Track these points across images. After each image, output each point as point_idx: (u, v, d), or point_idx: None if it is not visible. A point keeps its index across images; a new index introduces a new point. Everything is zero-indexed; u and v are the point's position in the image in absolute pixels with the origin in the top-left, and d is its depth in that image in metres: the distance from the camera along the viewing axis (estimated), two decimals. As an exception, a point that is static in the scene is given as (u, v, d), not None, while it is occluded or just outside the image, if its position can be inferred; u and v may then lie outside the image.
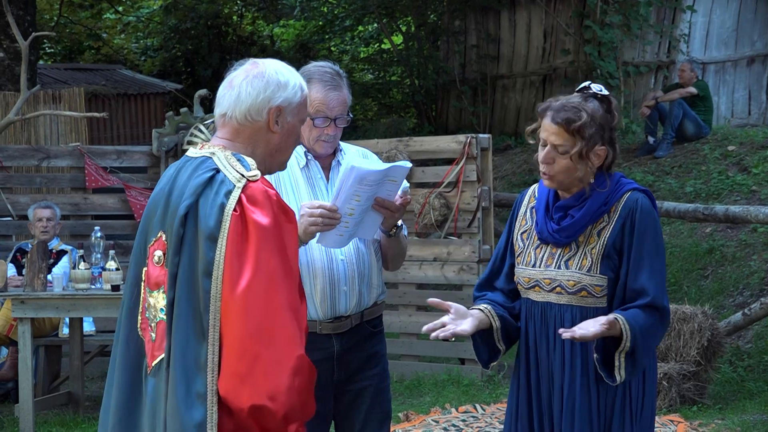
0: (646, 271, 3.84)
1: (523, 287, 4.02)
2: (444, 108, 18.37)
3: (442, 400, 8.76)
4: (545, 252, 3.97)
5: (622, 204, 3.90)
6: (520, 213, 4.14)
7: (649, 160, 13.42)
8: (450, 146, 9.89)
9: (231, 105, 3.30)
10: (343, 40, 23.11)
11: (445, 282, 9.86)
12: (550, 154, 3.86)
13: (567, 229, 3.91)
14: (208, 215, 3.14)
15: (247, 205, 3.12)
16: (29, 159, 11.00)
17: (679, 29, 15.56)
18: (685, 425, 7.51)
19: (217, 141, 3.34)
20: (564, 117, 3.83)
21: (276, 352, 3.02)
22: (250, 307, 3.04)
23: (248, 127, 3.30)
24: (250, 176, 3.18)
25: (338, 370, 4.38)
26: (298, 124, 3.38)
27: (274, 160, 3.38)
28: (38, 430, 8.21)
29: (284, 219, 3.16)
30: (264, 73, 3.31)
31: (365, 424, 4.44)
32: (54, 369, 9.72)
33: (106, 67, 21.94)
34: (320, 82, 4.29)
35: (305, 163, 4.37)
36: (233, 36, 23.24)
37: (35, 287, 8.17)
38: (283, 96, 3.29)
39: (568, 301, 3.90)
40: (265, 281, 3.05)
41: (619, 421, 3.90)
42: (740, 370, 8.92)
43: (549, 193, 4.02)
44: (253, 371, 3.01)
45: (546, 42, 16.77)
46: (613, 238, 3.87)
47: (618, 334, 3.77)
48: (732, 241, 11.08)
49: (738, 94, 16.09)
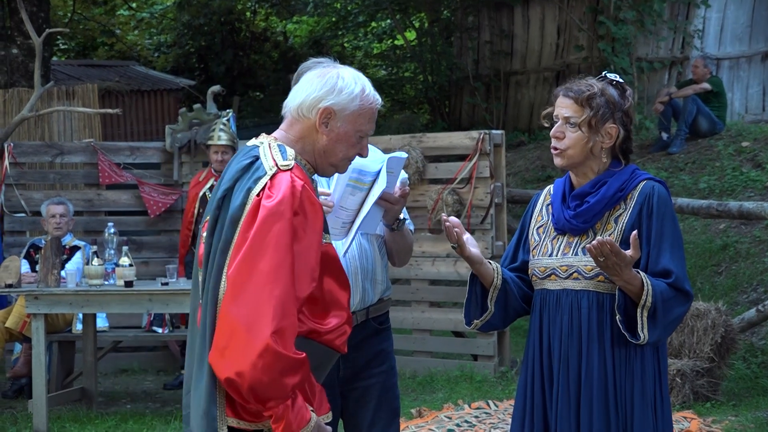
0: (667, 254, 3.85)
1: (539, 278, 4.01)
2: (457, 104, 18.35)
3: (454, 396, 8.76)
4: (562, 242, 3.98)
5: (638, 191, 3.92)
6: (536, 210, 4.16)
7: (662, 156, 13.40)
8: (463, 142, 9.88)
9: (291, 97, 3.47)
10: (356, 36, 23.11)
11: (458, 278, 9.85)
12: (561, 127, 3.93)
13: (583, 214, 3.93)
14: (236, 198, 3.32)
15: (268, 191, 3.26)
16: (43, 155, 11.02)
17: (693, 25, 15.52)
18: (698, 422, 7.49)
19: (275, 132, 3.51)
20: (574, 89, 3.92)
21: (249, 331, 3.16)
22: (235, 286, 3.21)
23: (300, 122, 3.46)
24: (283, 165, 3.32)
25: (344, 368, 4.36)
26: (352, 133, 3.47)
27: (323, 161, 3.49)
28: (52, 426, 8.22)
29: (306, 211, 3.26)
30: (326, 74, 3.45)
31: (373, 422, 4.42)
32: (67, 365, 9.74)
33: (119, 63, 21.96)
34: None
35: None
36: (246, 32, 23.24)
37: (48, 283, 8.19)
38: (335, 100, 3.41)
39: (585, 286, 3.89)
40: (254, 262, 3.20)
41: (641, 414, 3.88)
42: (754, 367, 8.89)
43: (565, 184, 4.05)
44: (229, 345, 3.19)
45: (559, 38, 16.75)
46: (631, 223, 3.88)
47: (638, 290, 3.76)
48: (746, 237, 11.05)
49: (752, 90, 16.03)
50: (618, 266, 3.71)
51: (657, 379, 3.95)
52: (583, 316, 3.89)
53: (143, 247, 11.00)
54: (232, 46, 22.46)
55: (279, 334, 3.16)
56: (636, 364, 3.89)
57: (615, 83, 3.99)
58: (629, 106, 3.98)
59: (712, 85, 13.53)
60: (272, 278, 3.19)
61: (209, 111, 10.92)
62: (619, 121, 3.93)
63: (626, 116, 3.95)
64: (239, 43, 22.77)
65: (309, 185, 3.33)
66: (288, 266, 3.21)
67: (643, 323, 3.78)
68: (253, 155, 3.41)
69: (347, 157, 3.51)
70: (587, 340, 3.90)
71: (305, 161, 3.47)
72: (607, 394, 3.88)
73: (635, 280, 3.76)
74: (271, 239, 3.21)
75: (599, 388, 3.88)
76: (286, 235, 3.22)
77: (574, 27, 16.27)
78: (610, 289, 3.87)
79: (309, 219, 3.28)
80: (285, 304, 3.19)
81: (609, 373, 3.88)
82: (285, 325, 3.18)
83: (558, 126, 3.94)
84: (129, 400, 9.37)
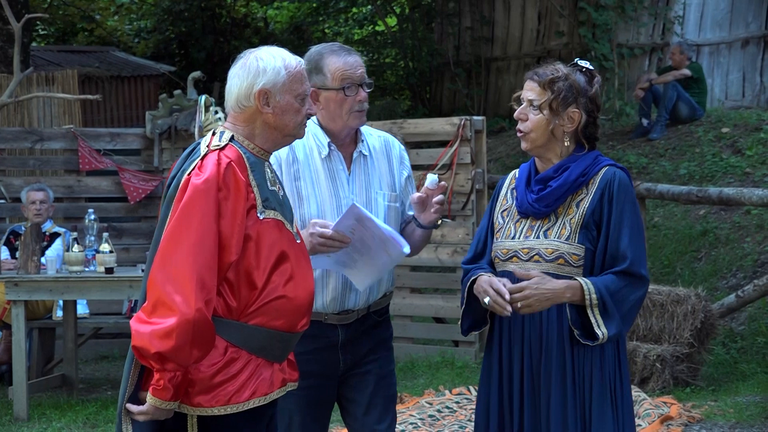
0: (626, 238, 3.90)
1: (501, 260, 4.05)
2: (438, 90, 18.35)
3: (435, 382, 8.77)
4: (525, 225, 4.04)
5: (600, 177, 3.99)
6: (501, 194, 4.21)
7: (643, 142, 13.42)
8: (444, 128, 9.88)
9: (227, 97, 3.69)
10: (337, 22, 23.07)
11: (439, 264, 9.86)
12: (524, 109, 4.01)
13: (546, 198, 3.98)
14: (176, 180, 3.58)
15: (196, 169, 3.50)
16: (22, 141, 10.98)
17: (674, 11, 15.54)
18: (678, 407, 7.52)
19: (224, 123, 3.74)
20: (540, 73, 3.99)
21: (171, 301, 3.38)
22: (163, 255, 3.45)
23: (243, 112, 3.68)
24: (213, 146, 3.58)
25: (343, 359, 4.40)
26: (292, 100, 3.67)
27: (279, 136, 3.72)
28: (32, 413, 8.20)
29: (230, 187, 3.49)
30: (246, 62, 3.66)
31: (369, 407, 4.44)
32: (48, 352, 9.72)
33: (99, 49, 21.88)
34: (333, 53, 4.29)
35: (327, 153, 4.33)
36: (227, 18, 23.18)
37: (28, 270, 8.16)
38: (264, 80, 3.62)
39: (546, 269, 3.93)
40: (179, 234, 3.44)
41: (599, 396, 3.93)
42: (733, 352, 8.93)
43: (530, 169, 4.11)
44: (153, 312, 3.42)
45: (540, 24, 16.75)
46: (592, 208, 3.94)
47: (581, 294, 3.84)
48: (725, 223, 11.08)
49: (732, 76, 16.07)
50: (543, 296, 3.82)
51: (616, 363, 4.00)
52: None
53: (123, 234, 10.98)
54: (213, 32, 22.38)
55: (207, 304, 3.40)
56: (596, 347, 3.93)
57: (584, 70, 4.05)
58: (595, 92, 4.03)
59: (692, 71, 13.56)
60: (195, 252, 3.41)
61: (190, 97, 10.89)
62: (582, 106, 3.98)
63: (591, 102, 4.01)
64: (220, 29, 22.70)
65: (239, 163, 3.55)
66: (211, 240, 3.44)
67: (597, 321, 3.85)
68: (197, 143, 3.70)
69: (298, 123, 3.71)
70: (547, 321, 3.95)
71: (254, 145, 3.67)
72: (565, 375, 3.93)
73: (570, 288, 3.85)
74: (195, 214, 3.44)
75: (558, 367, 3.93)
76: (211, 211, 3.45)
77: (555, 13, 16.27)
78: (571, 272, 3.93)
79: (232, 194, 3.50)
80: (206, 278, 3.41)
81: (568, 352, 3.93)
82: (209, 296, 3.42)
83: (522, 108, 4.02)
84: (110, 387, 9.35)
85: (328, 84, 4.26)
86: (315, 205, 4.28)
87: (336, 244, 4.09)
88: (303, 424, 4.40)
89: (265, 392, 3.60)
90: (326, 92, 4.27)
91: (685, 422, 7.27)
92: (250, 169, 3.59)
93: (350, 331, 4.38)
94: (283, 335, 3.63)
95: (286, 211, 3.72)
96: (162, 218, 3.55)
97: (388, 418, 4.48)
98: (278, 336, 3.62)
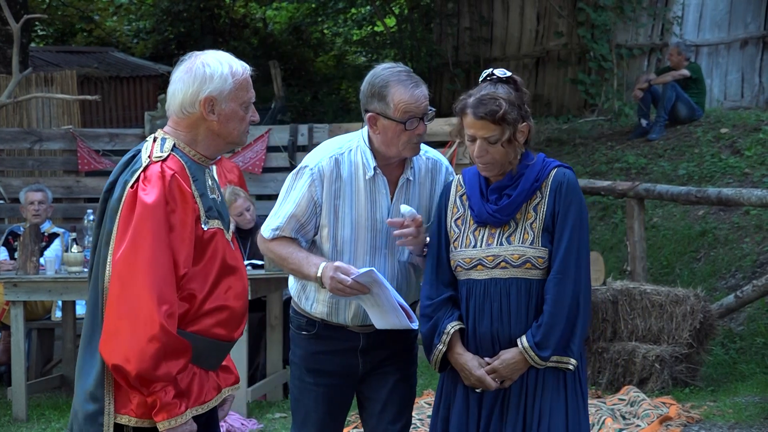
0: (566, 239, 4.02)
1: (464, 268, 4.12)
2: (437, 91, 18.32)
3: (435, 382, 8.74)
4: (484, 233, 4.11)
5: (551, 179, 4.08)
6: (450, 202, 4.22)
7: (641, 142, 13.41)
8: (443, 129, 9.85)
9: (169, 100, 3.64)
10: (336, 23, 23.06)
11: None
12: (483, 146, 4.04)
13: (506, 209, 4.07)
14: (116, 191, 3.52)
15: (141, 183, 3.45)
16: (21, 142, 10.98)
17: (672, 11, 15.54)
18: (677, 407, 7.52)
19: (165, 127, 3.69)
20: (485, 111, 4.02)
21: (134, 319, 3.37)
22: (120, 275, 3.42)
23: (186, 118, 3.63)
24: (156, 156, 3.52)
25: (362, 362, 4.42)
26: (237, 108, 3.63)
27: (221, 143, 3.69)
28: (31, 413, 8.20)
29: (176, 200, 3.47)
30: (192, 68, 3.59)
31: (386, 405, 4.46)
32: (47, 352, 9.72)
33: (98, 49, 21.86)
34: (399, 83, 4.22)
35: (372, 175, 4.27)
36: (226, 18, 23.17)
37: (27, 270, 8.16)
38: (211, 87, 3.57)
39: (513, 274, 4.04)
40: (135, 254, 3.40)
41: (553, 395, 4.07)
42: (732, 353, 8.93)
43: (480, 179, 4.16)
44: (117, 332, 3.40)
45: (539, 24, 16.74)
46: (550, 211, 4.05)
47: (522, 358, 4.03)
48: (724, 223, 11.08)
49: (731, 77, 16.06)
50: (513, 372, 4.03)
51: (578, 364, 4.11)
52: (512, 302, 4.05)
53: (122, 234, 10.95)
54: (212, 32, 22.36)
55: (170, 317, 3.39)
56: None
57: (506, 78, 4.08)
58: (527, 96, 4.11)
59: (691, 71, 13.56)
60: (152, 269, 3.38)
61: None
62: (526, 117, 4.06)
63: (527, 105, 4.09)
64: (218, 30, 22.69)
65: (182, 174, 3.51)
66: (166, 255, 3.42)
67: (560, 360, 4.04)
68: (138, 149, 3.63)
69: (242, 131, 3.68)
70: (516, 325, 4.06)
71: (195, 152, 3.63)
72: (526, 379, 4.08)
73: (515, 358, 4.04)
74: (148, 232, 3.40)
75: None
76: (162, 227, 3.42)
77: (554, 13, 16.26)
78: (537, 275, 4.04)
79: (179, 207, 3.47)
80: (165, 292, 3.39)
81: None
82: (171, 309, 3.41)
83: (480, 146, 4.04)
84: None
85: (390, 114, 4.18)
86: (349, 227, 4.26)
87: (354, 292, 4.10)
88: (318, 421, 4.43)
89: (202, 401, 3.58)
90: (386, 121, 4.20)
91: (684, 423, 7.27)
92: (192, 179, 3.55)
93: (372, 338, 4.39)
94: (221, 344, 3.64)
95: (225, 219, 3.70)
96: (107, 230, 3.50)
97: (403, 419, 4.51)
98: (217, 345, 3.62)
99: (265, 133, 10.96)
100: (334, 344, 4.35)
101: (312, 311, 4.36)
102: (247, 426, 7.63)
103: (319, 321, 4.37)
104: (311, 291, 4.35)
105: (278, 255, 4.30)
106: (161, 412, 3.41)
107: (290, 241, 4.28)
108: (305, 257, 4.22)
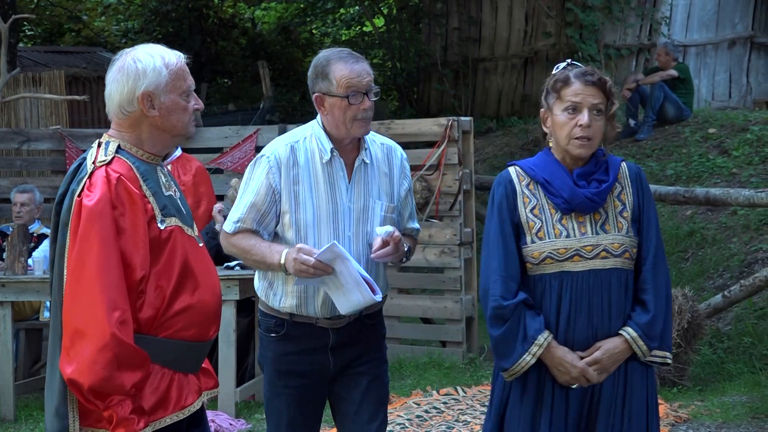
0: (654, 230, 3.96)
1: (558, 260, 3.90)
2: (425, 91, 18.35)
3: (423, 382, 8.77)
4: (573, 222, 3.93)
5: (626, 171, 4.00)
6: (518, 193, 4.01)
7: (630, 142, 13.44)
8: (431, 129, 9.88)
9: (108, 103, 3.56)
10: (325, 23, 23.06)
11: (427, 265, 9.87)
12: (590, 116, 3.88)
13: (603, 192, 3.92)
14: (66, 202, 3.42)
15: (86, 190, 3.35)
16: (9, 142, 10.95)
17: (660, 12, 15.58)
18: (665, 407, 7.54)
19: (109, 131, 3.58)
20: (598, 77, 3.90)
21: (85, 329, 3.28)
22: (70, 284, 3.32)
23: (127, 118, 3.55)
24: (99, 161, 3.42)
25: (333, 361, 4.40)
26: (178, 99, 3.56)
27: (167, 138, 3.59)
28: (19, 414, 8.19)
29: (124, 203, 3.37)
30: (124, 66, 3.53)
31: (361, 406, 4.43)
32: (34, 353, 9.69)
33: (86, 49, 21.83)
34: (340, 59, 4.25)
35: (329, 158, 4.30)
36: (214, 19, 23.15)
37: (15, 271, 8.14)
38: (146, 82, 3.49)
39: (614, 264, 3.89)
40: (82, 262, 3.30)
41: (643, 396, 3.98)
42: (720, 352, 8.95)
43: (555, 165, 3.98)
44: (72, 345, 3.31)
45: (527, 25, 16.77)
46: (637, 201, 3.96)
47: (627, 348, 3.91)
48: (712, 223, 11.11)
49: (719, 77, 16.12)
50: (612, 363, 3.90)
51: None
52: (614, 294, 3.90)
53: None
54: (200, 32, 22.35)
55: (123, 324, 3.28)
56: None
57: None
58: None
59: (679, 71, 13.59)
60: (101, 275, 3.28)
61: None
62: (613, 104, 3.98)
63: None
64: (207, 30, 22.67)
65: (129, 176, 3.42)
66: (115, 260, 3.31)
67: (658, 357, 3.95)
68: (83, 157, 3.52)
69: (186, 121, 3.60)
70: (617, 319, 3.92)
71: (143, 151, 3.55)
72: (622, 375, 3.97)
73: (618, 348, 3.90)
74: (94, 238, 3.30)
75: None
76: (109, 231, 3.32)
77: (542, 13, 16.29)
78: (631, 265, 3.94)
79: (128, 210, 3.38)
80: (116, 299, 3.28)
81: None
82: (123, 316, 3.29)
83: (588, 115, 3.87)
84: (97, 388, 9.33)
85: (333, 91, 4.23)
86: (311, 210, 4.27)
87: (318, 273, 4.08)
88: (292, 422, 4.41)
89: (182, 406, 3.54)
90: (331, 98, 4.25)
91: (672, 422, 7.28)
92: (142, 179, 3.48)
93: (341, 335, 4.38)
94: (195, 345, 3.58)
95: (185, 215, 3.63)
96: (60, 244, 3.41)
97: (379, 418, 4.47)
98: (191, 347, 3.56)
99: (254, 133, 10.94)
100: (304, 343, 4.35)
101: (281, 306, 4.35)
102: (236, 426, 7.62)
103: (288, 319, 4.36)
104: (279, 285, 4.35)
105: (241, 248, 4.30)
106: (119, 427, 3.31)
107: (252, 233, 4.29)
108: (267, 247, 4.23)
